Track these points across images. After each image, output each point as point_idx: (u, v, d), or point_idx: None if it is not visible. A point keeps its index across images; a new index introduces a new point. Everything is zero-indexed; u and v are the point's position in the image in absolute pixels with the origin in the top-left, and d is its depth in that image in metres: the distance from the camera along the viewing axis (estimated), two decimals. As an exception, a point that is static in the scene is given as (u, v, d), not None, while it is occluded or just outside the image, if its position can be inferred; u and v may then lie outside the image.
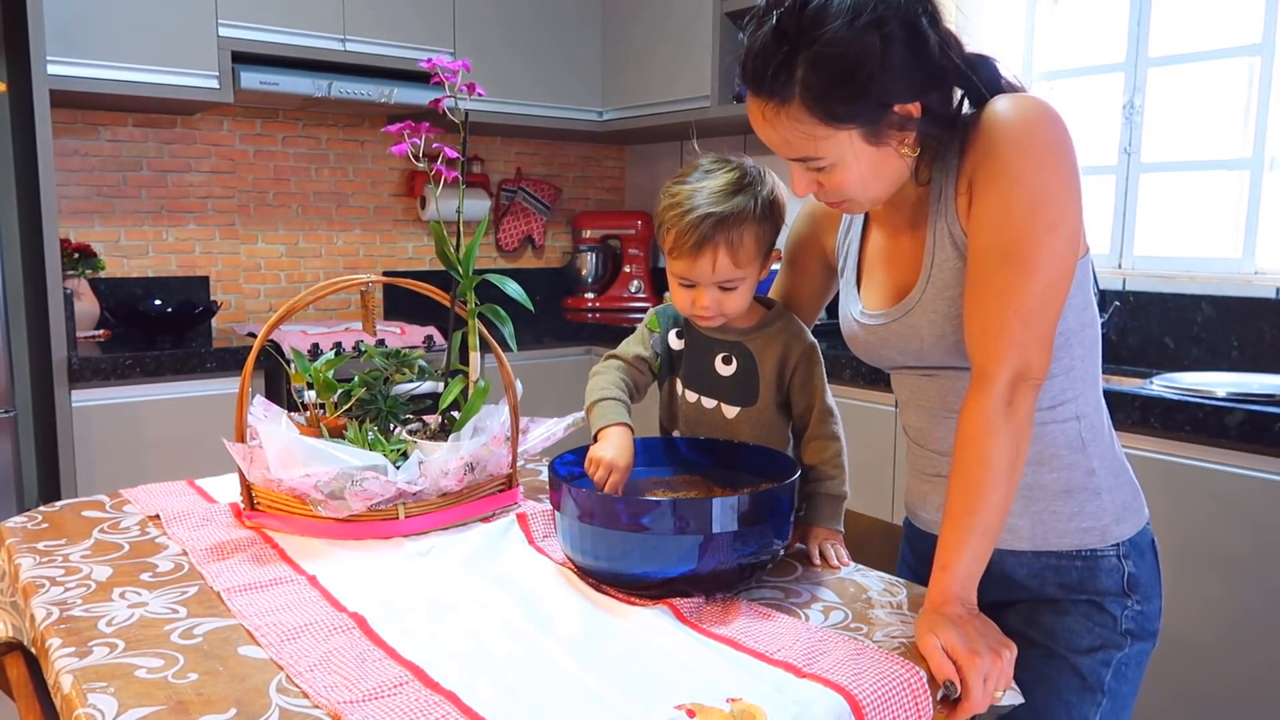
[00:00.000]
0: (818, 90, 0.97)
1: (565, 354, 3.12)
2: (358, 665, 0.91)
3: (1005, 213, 1.00)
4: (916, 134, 1.03)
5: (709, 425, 1.30)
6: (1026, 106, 1.02)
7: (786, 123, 1.01)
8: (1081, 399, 1.11)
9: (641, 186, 3.88)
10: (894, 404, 2.24)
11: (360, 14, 2.88)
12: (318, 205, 3.24)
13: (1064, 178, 1.00)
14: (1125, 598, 1.11)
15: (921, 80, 1.00)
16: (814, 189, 1.08)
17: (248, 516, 1.31)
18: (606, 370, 1.30)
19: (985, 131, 1.03)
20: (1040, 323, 1.01)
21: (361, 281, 1.30)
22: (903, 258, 1.15)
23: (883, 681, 0.90)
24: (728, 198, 1.19)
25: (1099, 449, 1.12)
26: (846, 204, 1.10)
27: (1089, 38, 2.59)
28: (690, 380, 1.31)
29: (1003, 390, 1.00)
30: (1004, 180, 1.00)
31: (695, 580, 1.06)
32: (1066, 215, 1.00)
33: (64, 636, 0.96)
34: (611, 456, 1.17)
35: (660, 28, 3.18)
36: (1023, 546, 1.12)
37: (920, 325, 1.11)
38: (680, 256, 1.20)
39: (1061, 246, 1.00)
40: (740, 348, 1.28)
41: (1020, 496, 1.11)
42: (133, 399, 2.41)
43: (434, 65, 1.35)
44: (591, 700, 0.85)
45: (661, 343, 1.33)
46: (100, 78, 2.50)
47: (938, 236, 1.09)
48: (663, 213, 1.21)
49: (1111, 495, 1.12)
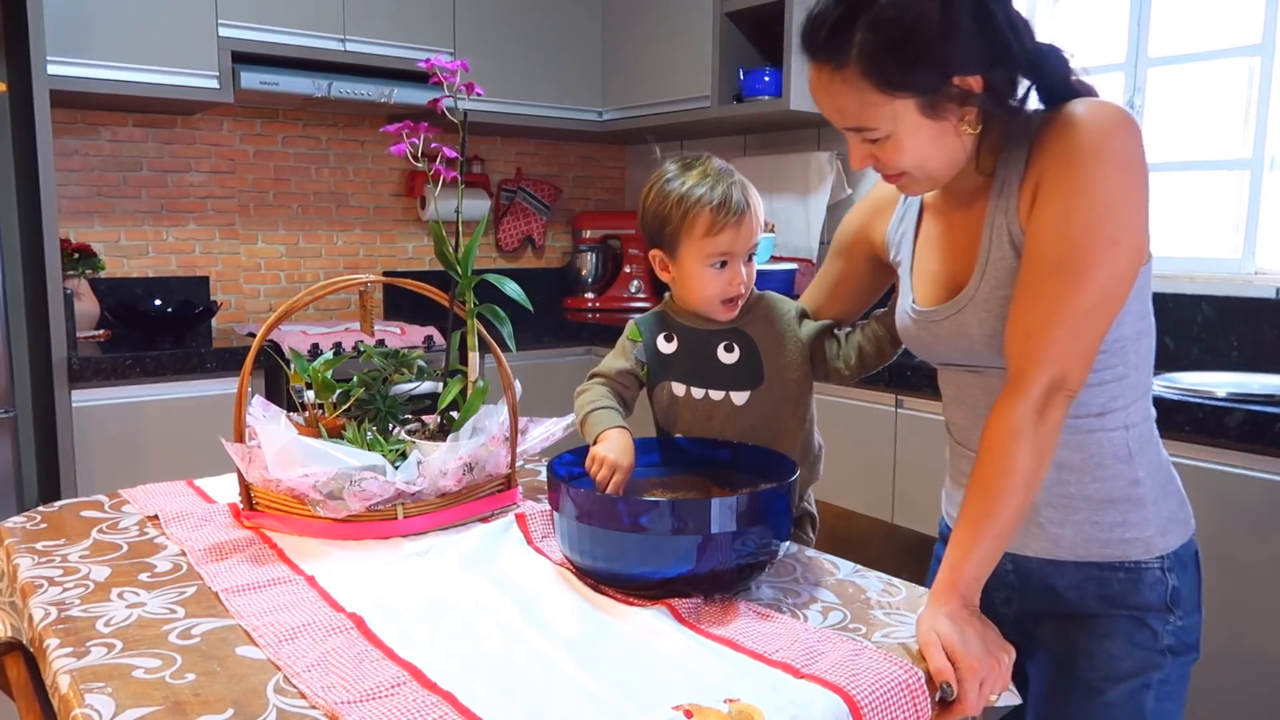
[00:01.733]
0: (873, 54, 0.95)
1: (565, 354, 3.12)
2: (355, 665, 0.91)
3: (1068, 220, 0.98)
4: (978, 112, 1.00)
5: (720, 418, 1.30)
6: (1105, 114, 0.99)
7: (841, 88, 0.99)
8: (1132, 408, 1.08)
9: (641, 186, 3.87)
10: (894, 404, 2.24)
11: (360, 14, 2.88)
12: (318, 205, 3.24)
13: (1134, 191, 0.98)
14: (1168, 613, 1.08)
15: (984, 54, 0.96)
16: (870, 162, 1.05)
17: (246, 517, 1.31)
18: (591, 388, 1.31)
19: (1059, 132, 1.00)
20: (1086, 335, 0.99)
21: (361, 281, 1.30)
22: (956, 250, 1.12)
23: (881, 682, 0.90)
24: (730, 175, 1.26)
25: (1146, 459, 1.09)
26: (904, 180, 1.06)
27: (1089, 37, 2.59)
28: (692, 377, 1.31)
29: (1036, 398, 0.98)
30: (1072, 187, 0.98)
31: (694, 581, 1.06)
32: (1131, 230, 0.98)
33: (62, 636, 0.96)
34: (614, 456, 1.17)
35: (660, 28, 3.18)
36: (1064, 556, 1.10)
37: (971, 323, 1.08)
38: (723, 230, 1.23)
39: (1121, 262, 0.98)
40: (738, 333, 1.30)
41: (1061, 505, 1.09)
42: (132, 399, 2.41)
43: (433, 65, 1.35)
44: (589, 701, 0.85)
45: (647, 350, 1.34)
46: (100, 78, 2.50)
47: (995, 232, 1.06)
48: (678, 205, 1.24)
49: (1157, 506, 1.09)
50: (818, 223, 3.10)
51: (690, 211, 1.24)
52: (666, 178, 1.29)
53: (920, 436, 2.20)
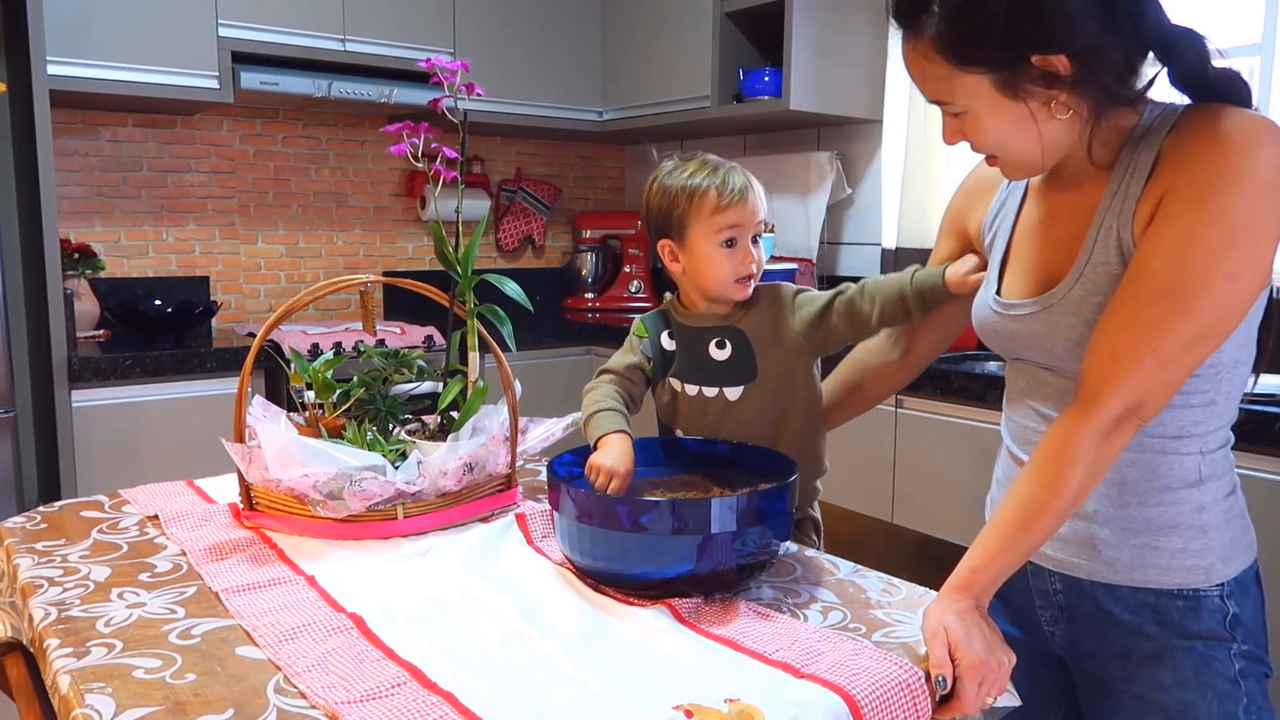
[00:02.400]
0: (944, 26, 0.91)
1: (565, 354, 3.12)
2: (355, 665, 0.91)
3: (1190, 246, 0.90)
4: (1073, 96, 0.92)
5: (714, 414, 1.31)
6: (1255, 130, 0.89)
7: (920, 60, 0.95)
8: (1212, 435, 1.02)
9: (641, 186, 3.85)
10: (894, 404, 2.24)
11: (360, 14, 2.88)
12: (318, 205, 3.24)
13: (1269, 220, 0.89)
14: (1230, 641, 1.02)
15: (1069, 32, 0.89)
16: (958, 137, 1.00)
17: (246, 517, 1.31)
18: (599, 385, 1.32)
19: (1199, 144, 0.91)
20: (1175, 369, 0.92)
21: (361, 281, 1.30)
22: (1055, 241, 1.04)
23: (881, 682, 0.90)
24: (727, 163, 1.30)
25: (1215, 485, 1.03)
26: (999, 163, 1.01)
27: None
28: (688, 374, 1.33)
29: (1106, 422, 0.93)
30: (1203, 214, 0.90)
31: (694, 580, 1.06)
32: (1255, 263, 0.90)
33: (62, 637, 0.96)
34: (611, 463, 1.17)
35: (660, 28, 3.18)
36: (1120, 580, 1.05)
37: (1058, 325, 1.01)
38: (730, 206, 1.26)
39: (1235, 300, 0.91)
40: (730, 329, 1.31)
41: (1120, 527, 1.04)
42: (132, 399, 2.41)
43: (433, 65, 1.35)
44: (589, 701, 0.85)
45: (653, 346, 1.36)
46: (100, 78, 2.50)
47: (1102, 234, 0.98)
48: (683, 189, 1.27)
49: (1219, 532, 1.02)
50: (818, 223, 3.10)
51: (696, 193, 1.26)
52: (667, 170, 1.32)
53: (920, 436, 2.20)
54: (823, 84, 2.82)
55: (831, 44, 2.83)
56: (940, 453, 2.15)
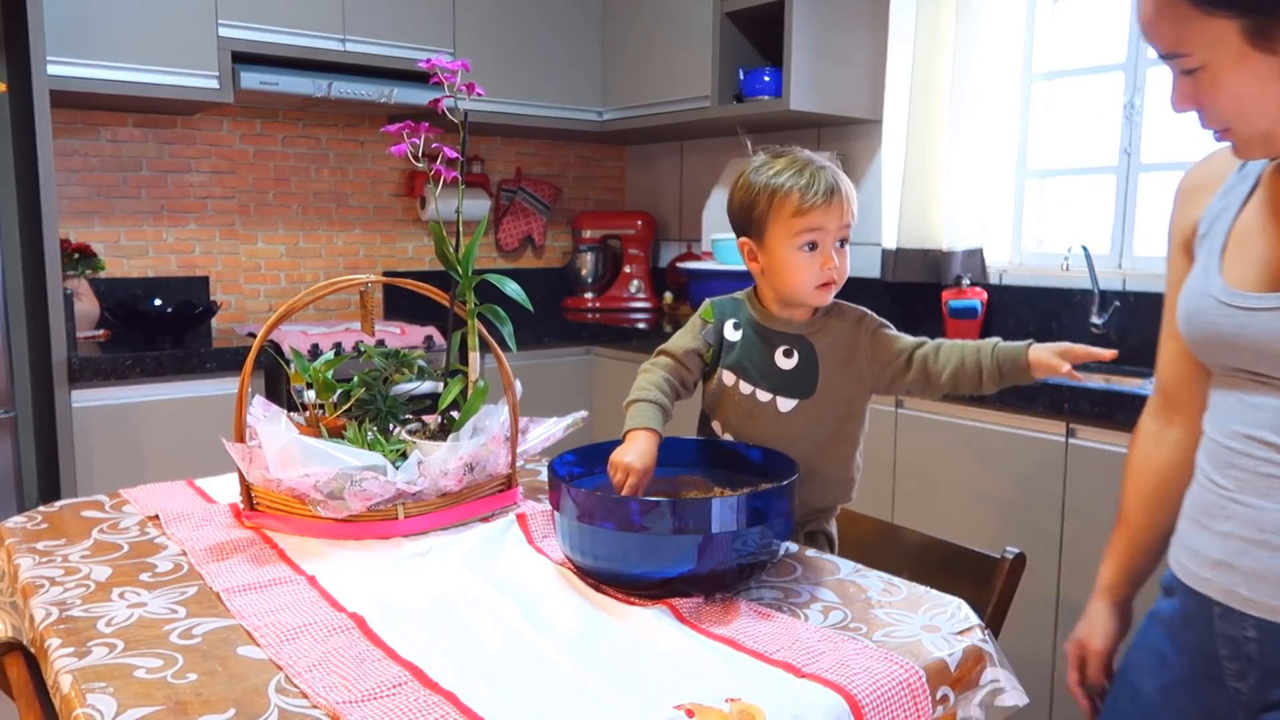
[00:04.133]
0: None
1: (565, 354, 3.12)
2: (356, 665, 0.91)
3: None
4: None
5: (760, 419, 1.30)
6: None
7: (1157, 4, 0.83)
8: None
9: (641, 186, 3.88)
10: (894, 404, 2.24)
11: (360, 14, 2.88)
12: (318, 205, 3.24)
13: None
14: None
15: None
16: (1190, 104, 0.86)
17: (247, 517, 1.31)
18: (654, 369, 1.31)
19: None
20: None
21: (361, 281, 1.30)
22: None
23: (882, 682, 0.90)
24: (818, 162, 1.25)
25: None
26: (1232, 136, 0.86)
27: (1089, 38, 2.59)
28: (746, 373, 1.31)
29: None
30: None
31: (694, 580, 1.06)
32: None
33: (63, 637, 0.96)
34: (631, 461, 1.17)
35: (660, 28, 3.18)
36: None
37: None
38: (812, 209, 1.22)
39: None
40: (802, 340, 1.29)
41: None
42: (132, 399, 2.41)
43: (433, 65, 1.35)
44: (590, 700, 0.85)
45: (715, 333, 1.34)
46: (100, 78, 2.50)
47: None
48: (765, 188, 1.24)
49: None
50: (818, 223, 3.09)
51: (778, 193, 1.23)
52: (755, 165, 1.28)
53: (920, 436, 2.20)
54: (823, 84, 2.82)
55: (831, 44, 2.83)
56: (940, 453, 2.15)
